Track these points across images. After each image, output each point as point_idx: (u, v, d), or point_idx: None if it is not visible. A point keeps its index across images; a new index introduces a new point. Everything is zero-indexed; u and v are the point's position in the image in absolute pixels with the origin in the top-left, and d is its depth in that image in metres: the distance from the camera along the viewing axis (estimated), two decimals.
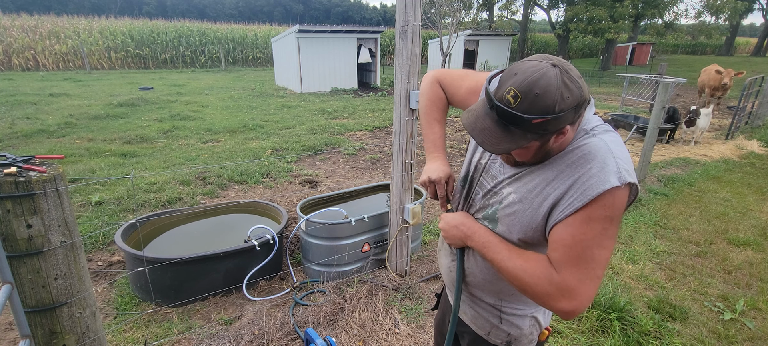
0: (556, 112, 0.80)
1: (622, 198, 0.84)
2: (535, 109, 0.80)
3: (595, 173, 0.84)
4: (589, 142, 0.89)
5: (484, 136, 0.87)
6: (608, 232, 0.85)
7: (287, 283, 2.97)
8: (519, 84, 0.81)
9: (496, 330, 1.15)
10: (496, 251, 0.97)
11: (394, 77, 2.86)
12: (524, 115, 0.80)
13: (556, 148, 0.92)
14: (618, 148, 0.88)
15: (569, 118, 0.83)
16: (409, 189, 2.78)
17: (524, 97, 0.80)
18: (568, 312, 0.87)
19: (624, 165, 0.85)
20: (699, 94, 10.72)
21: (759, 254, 3.54)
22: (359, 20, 79.13)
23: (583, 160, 0.87)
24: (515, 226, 0.97)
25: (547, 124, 0.81)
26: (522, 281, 0.92)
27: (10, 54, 18.55)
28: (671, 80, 5.01)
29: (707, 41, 36.41)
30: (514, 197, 0.97)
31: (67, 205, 1.19)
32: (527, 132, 0.84)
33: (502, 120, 0.85)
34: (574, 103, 0.81)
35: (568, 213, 0.86)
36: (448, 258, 1.23)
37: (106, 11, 44.08)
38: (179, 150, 6.25)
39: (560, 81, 0.80)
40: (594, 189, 0.83)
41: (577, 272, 0.85)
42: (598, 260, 0.86)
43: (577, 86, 0.81)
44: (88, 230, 3.44)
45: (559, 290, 0.86)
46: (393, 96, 2.64)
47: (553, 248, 0.89)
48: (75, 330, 1.26)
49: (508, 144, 0.85)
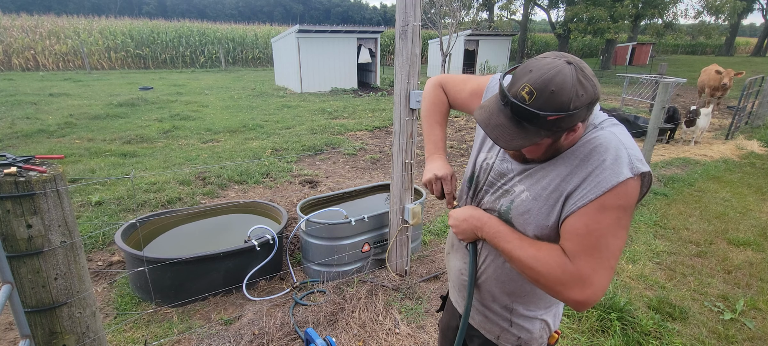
0: (571, 110, 0.80)
1: (634, 189, 0.85)
2: (550, 106, 0.80)
3: (609, 165, 0.85)
4: (599, 135, 0.90)
5: (498, 133, 0.87)
6: (621, 221, 0.86)
7: (287, 283, 2.97)
8: (534, 81, 0.81)
9: (506, 334, 1.14)
10: (508, 239, 0.96)
11: (394, 77, 2.86)
12: (539, 112, 0.81)
13: (566, 145, 0.93)
14: (628, 140, 0.90)
15: (582, 115, 0.84)
16: (409, 189, 2.78)
17: (539, 94, 0.80)
18: (581, 302, 0.87)
19: (635, 155, 0.86)
20: (699, 94, 10.72)
21: (759, 254, 3.54)
22: (359, 20, 79.13)
23: (595, 153, 0.88)
24: (530, 224, 0.96)
25: (561, 121, 0.82)
26: (535, 270, 0.91)
27: (10, 54, 18.55)
28: (671, 80, 5.01)
29: (707, 41, 36.48)
30: (528, 195, 0.97)
31: (67, 205, 1.19)
32: (541, 129, 0.84)
33: (516, 117, 0.86)
34: (588, 101, 0.82)
35: (581, 204, 0.87)
36: (460, 261, 1.20)
37: (106, 11, 44.08)
38: (179, 150, 6.25)
39: (575, 79, 0.80)
40: (608, 182, 0.84)
41: (592, 260, 0.85)
42: (612, 249, 0.86)
43: (591, 84, 0.82)
44: (88, 230, 3.44)
45: (573, 278, 0.86)
46: (393, 96, 2.64)
47: (567, 238, 0.89)
48: (75, 330, 1.26)
49: (521, 141, 0.85)
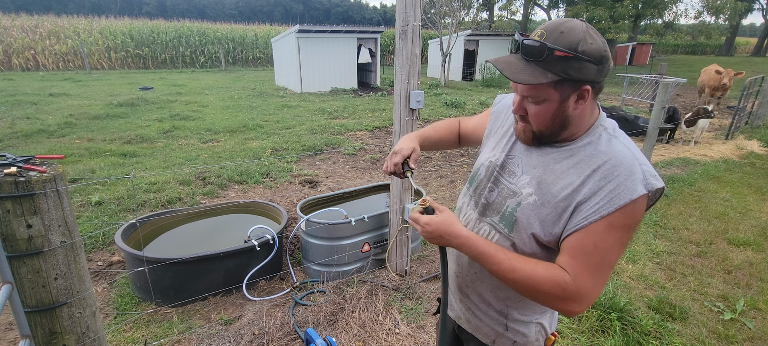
0: (579, 52, 0.84)
1: (643, 206, 0.87)
2: (559, 43, 0.85)
3: (622, 181, 0.86)
4: (613, 145, 0.91)
5: (505, 65, 0.91)
6: (623, 239, 0.88)
7: (287, 283, 2.97)
8: (546, 26, 0.89)
9: (502, 338, 1.14)
10: (496, 261, 0.94)
11: (394, 77, 2.86)
12: (547, 45, 0.85)
13: (575, 119, 0.93)
14: (639, 153, 0.91)
15: (591, 71, 0.86)
16: (409, 189, 2.78)
17: (550, 34, 0.86)
18: (575, 312, 0.90)
19: (650, 170, 0.88)
20: (699, 94, 10.72)
21: (759, 254, 3.54)
22: (359, 20, 79.11)
23: (610, 165, 0.88)
24: (535, 226, 0.95)
25: (568, 64, 0.85)
26: (532, 290, 0.90)
27: (10, 54, 18.54)
28: (671, 80, 5.01)
29: (707, 41, 36.42)
30: (536, 199, 0.95)
31: (67, 205, 1.19)
32: (548, 70, 0.86)
33: (525, 57, 0.90)
34: (597, 54, 0.85)
35: (593, 219, 0.87)
36: (454, 262, 1.20)
37: (106, 11, 44.06)
38: (179, 150, 6.25)
39: (585, 27, 0.86)
40: (622, 198, 0.85)
41: (592, 278, 0.88)
42: (610, 265, 0.89)
43: (601, 40, 0.86)
44: (88, 230, 3.44)
45: (572, 296, 0.88)
46: (393, 96, 2.64)
47: (572, 255, 0.89)
48: (75, 330, 1.26)
49: (527, 76, 0.87)
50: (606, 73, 0.89)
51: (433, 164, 5.98)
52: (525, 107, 0.96)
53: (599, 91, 0.91)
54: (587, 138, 0.94)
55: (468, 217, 1.14)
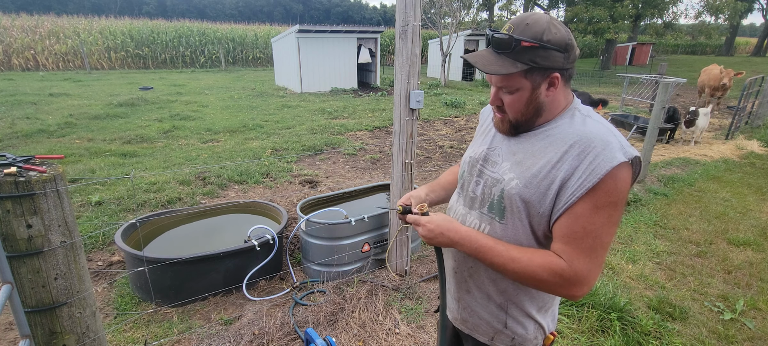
0: (544, 42, 0.90)
1: (626, 177, 0.88)
2: (525, 34, 0.91)
3: (600, 151, 0.88)
4: (587, 123, 0.95)
5: (479, 59, 0.98)
6: (613, 217, 0.90)
7: (287, 283, 2.97)
8: (513, 20, 0.96)
9: (500, 335, 1.14)
10: (494, 254, 0.98)
11: (394, 77, 2.86)
12: (515, 36, 0.91)
13: (548, 104, 0.98)
14: (613, 128, 0.95)
15: (557, 59, 0.92)
16: (409, 189, 2.78)
17: (516, 27, 0.93)
18: (578, 296, 0.93)
19: (624, 141, 0.92)
20: (699, 94, 10.73)
21: (759, 254, 3.54)
22: (359, 20, 79.10)
23: (586, 140, 0.91)
24: (522, 209, 0.98)
25: (535, 53, 0.91)
26: (530, 279, 0.94)
27: (10, 54, 18.54)
28: (671, 80, 5.02)
29: (707, 41, 36.45)
30: (518, 183, 0.98)
31: (67, 205, 1.19)
32: (517, 60, 0.93)
33: (496, 50, 0.97)
34: (562, 43, 0.91)
35: (578, 196, 0.88)
36: (452, 259, 1.21)
37: (106, 11, 44.09)
38: (179, 150, 6.25)
39: (548, 19, 0.92)
40: (602, 167, 0.86)
41: (588, 261, 0.90)
42: (604, 245, 0.91)
43: (566, 30, 0.92)
44: (88, 230, 3.44)
45: (570, 281, 0.90)
46: (393, 96, 2.64)
47: (564, 240, 0.92)
48: (75, 330, 1.26)
49: (498, 67, 0.94)
50: (573, 60, 0.95)
51: (433, 164, 5.99)
52: (501, 98, 1.01)
53: (569, 78, 0.98)
54: (561, 120, 0.99)
55: (458, 213, 1.17)
